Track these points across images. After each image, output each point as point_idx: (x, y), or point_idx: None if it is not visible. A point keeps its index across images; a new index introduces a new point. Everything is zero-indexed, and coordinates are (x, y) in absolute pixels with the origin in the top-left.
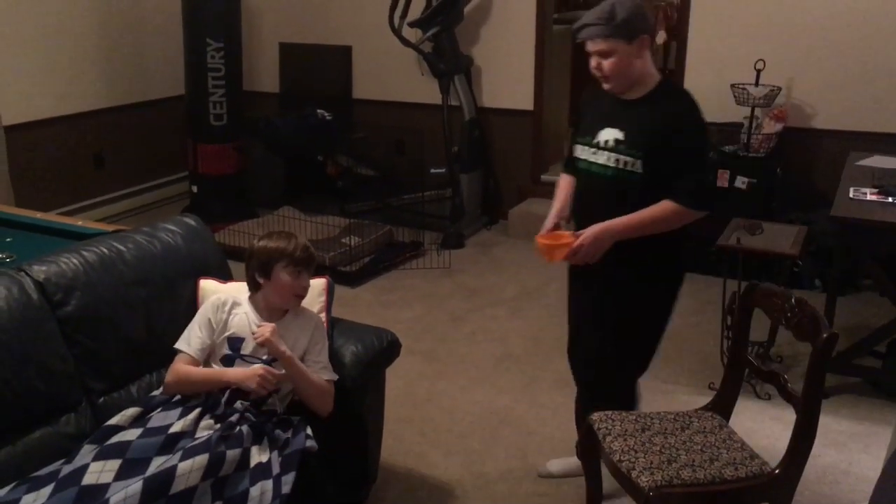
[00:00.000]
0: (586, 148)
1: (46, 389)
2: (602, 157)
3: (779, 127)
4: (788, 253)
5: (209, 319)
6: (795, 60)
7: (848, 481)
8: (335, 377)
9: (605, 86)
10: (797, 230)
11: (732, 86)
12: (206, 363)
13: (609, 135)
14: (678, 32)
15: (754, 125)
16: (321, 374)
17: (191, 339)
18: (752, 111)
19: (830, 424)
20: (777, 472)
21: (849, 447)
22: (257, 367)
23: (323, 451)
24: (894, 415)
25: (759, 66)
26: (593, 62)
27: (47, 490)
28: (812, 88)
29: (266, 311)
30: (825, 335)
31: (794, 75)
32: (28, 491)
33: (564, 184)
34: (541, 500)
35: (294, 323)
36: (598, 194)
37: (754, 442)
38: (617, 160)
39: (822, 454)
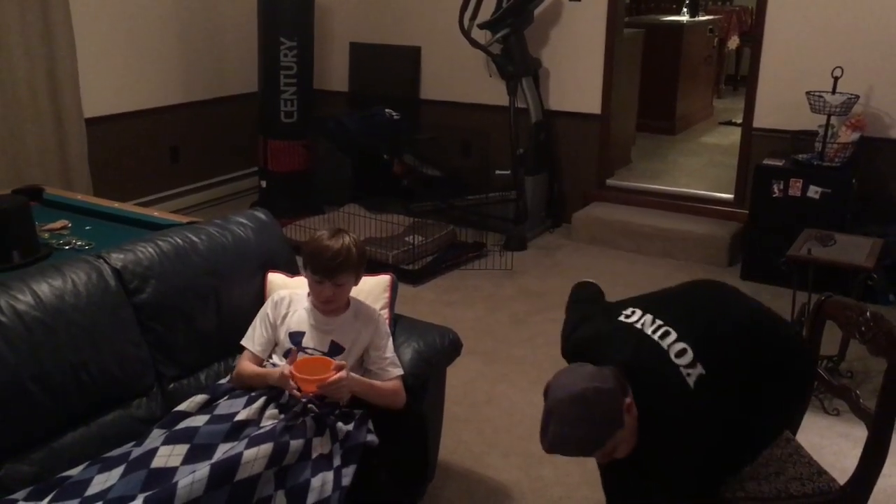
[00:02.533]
0: None
1: (121, 373)
2: None
3: (855, 136)
4: (863, 265)
5: (268, 315)
6: (875, 68)
7: None
8: (402, 372)
9: None
10: (872, 242)
11: (808, 93)
12: (270, 357)
13: None
14: (753, 38)
15: (830, 134)
16: (388, 370)
17: (253, 337)
18: (828, 119)
19: None
20: (846, 489)
21: None
22: (281, 368)
23: (383, 446)
24: None
25: (837, 73)
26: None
27: (118, 471)
28: (892, 97)
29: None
30: None
31: (873, 83)
32: (100, 471)
33: None
34: None
35: (354, 320)
36: None
37: (821, 458)
38: None
39: (892, 474)
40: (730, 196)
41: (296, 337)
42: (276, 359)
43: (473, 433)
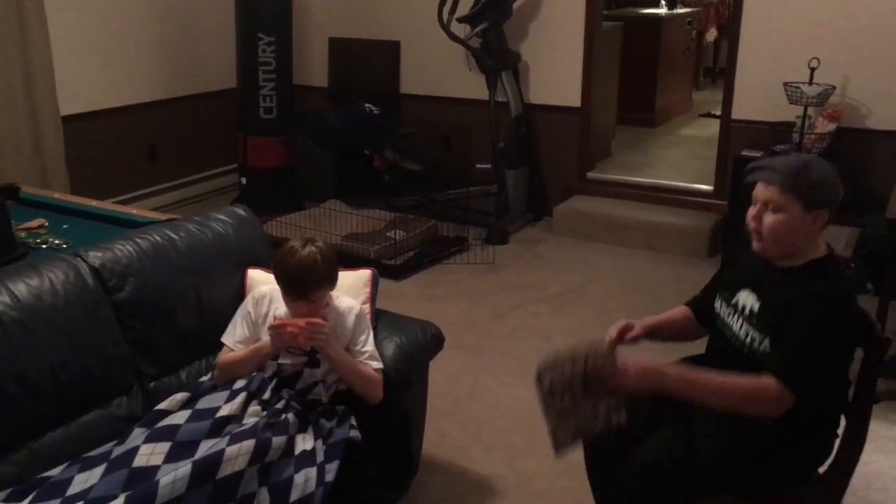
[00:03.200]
0: (724, 305)
1: (100, 372)
2: (736, 324)
3: (832, 127)
4: (840, 255)
5: (249, 313)
6: (851, 59)
7: None
8: (381, 366)
9: (755, 244)
10: (849, 232)
11: (785, 84)
12: None
13: (746, 300)
14: (730, 30)
15: (807, 125)
16: (368, 363)
17: (234, 333)
18: (805, 110)
19: (880, 430)
20: (825, 476)
21: None
22: (273, 325)
23: (366, 441)
24: None
25: (814, 64)
26: (753, 210)
27: (99, 470)
28: (868, 88)
29: None
30: (879, 339)
31: (849, 74)
32: (81, 470)
33: (676, 311)
34: (580, 496)
35: (336, 316)
36: (729, 362)
37: None
38: (747, 334)
39: (870, 460)
40: (709, 188)
41: None
42: None
43: (457, 427)
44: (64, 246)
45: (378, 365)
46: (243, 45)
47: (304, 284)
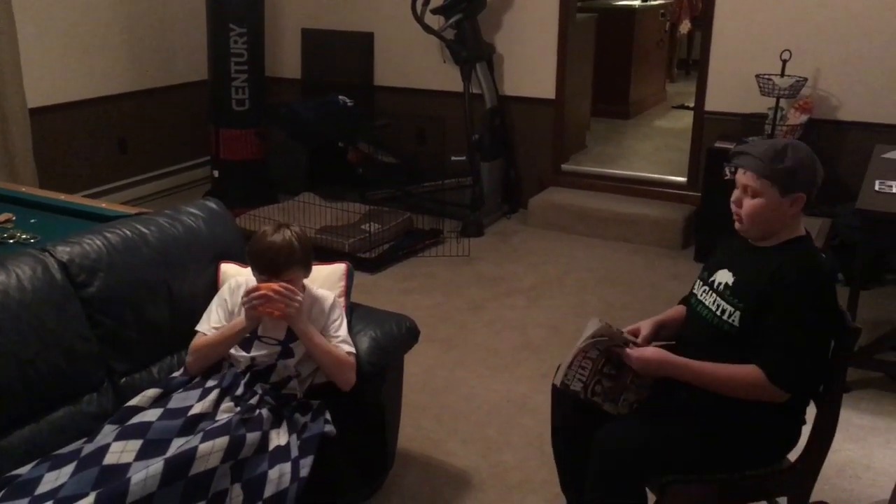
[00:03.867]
0: (701, 285)
1: (69, 369)
2: (709, 299)
3: (804, 118)
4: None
5: (225, 300)
6: (822, 51)
7: (868, 476)
8: (355, 351)
9: (736, 225)
10: (820, 223)
11: (757, 76)
12: None
13: (722, 277)
14: (703, 21)
15: (779, 116)
16: (340, 346)
17: (209, 321)
18: (777, 102)
19: (851, 419)
20: (797, 465)
21: (869, 442)
22: (248, 290)
23: (341, 436)
24: None
25: (786, 56)
26: (735, 195)
27: (69, 469)
28: (839, 80)
29: None
30: (848, 329)
31: (820, 66)
32: (50, 469)
33: (674, 310)
34: (556, 489)
35: (310, 306)
36: (698, 337)
37: None
38: (719, 306)
39: (842, 448)
40: (683, 179)
41: None
42: (231, 350)
43: (432, 420)
44: (32, 241)
45: (351, 349)
46: (214, 36)
47: (277, 262)
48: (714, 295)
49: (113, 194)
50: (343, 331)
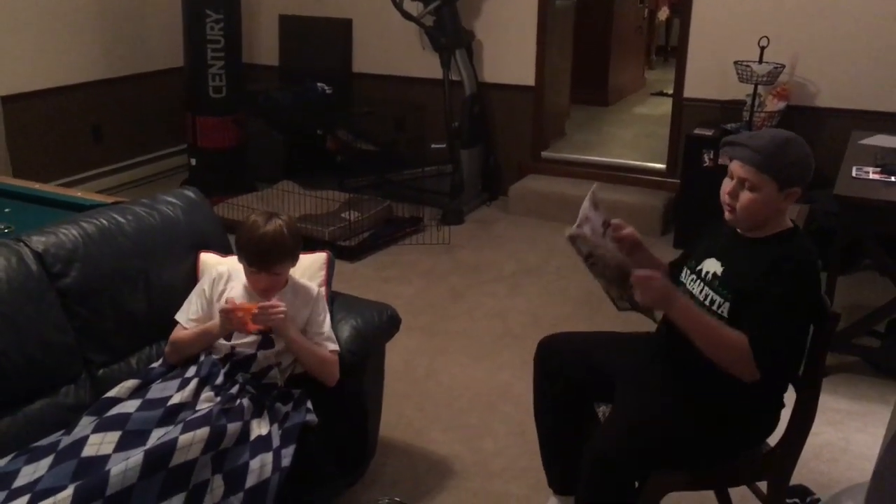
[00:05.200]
0: (689, 273)
1: (46, 361)
2: (697, 289)
3: (781, 105)
4: None
5: (204, 291)
6: (800, 38)
7: (846, 459)
8: (338, 348)
9: (727, 215)
10: (798, 209)
11: (736, 63)
12: None
13: (711, 267)
14: (681, 8)
15: (757, 103)
16: (325, 345)
17: (188, 311)
18: (755, 89)
19: (829, 403)
20: (776, 449)
21: (847, 426)
22: (224, 309)
23: (322, 425)
24: (893, 394)
25: (763, 42)
26: (728, 186)
27: (47, 461)
28: (816, 66)
29: None
30: (828, 315)
31: (798, 53)
32: (28, 462)
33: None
34: (539, 475)
35: (293, 298)
36: None
37: None
38: (707, 296)
39: (820, 432)
40: (662, 166)
41: None
42: None
43: (414, 408)
44: (6, 231)
45: (334, 347)
46: (190, 22)
47: (269, 256)
48: (702, 284)
49: (88, 183)
50: (327, 326)
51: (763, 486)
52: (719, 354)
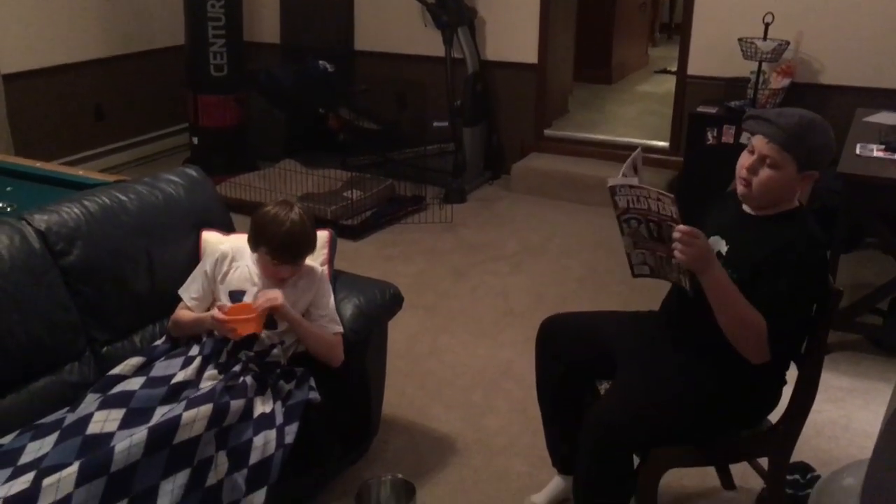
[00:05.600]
0: None
1: (50, 338)
2: None
3: (786, 82)
4: None
5: (205, 272)
6: (805, 15)
7: (847, 436)
8: (341, 329)
9: (740, 189)
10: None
11: (740, 40)
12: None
13: (716, 244)
14: None
15: (761, 80)
16: (328, 327)
17: (190, 289)
18: (760, 66)
19: (830, 380)
20: (778, 426)
21: (848, 403)
22: (211, 313)
23: (325, 402)
24: (894, 371)
25: (768, 19)
26: (747, 161)
27: (52, 438)
28: (820, 43)
29: None
30: (832, 292)
31: (802, 30)
32: (33, 439)
33: None
34: (541, 453)
35: (297, 279)
36: (693, 302)
37: None
38: None
39: (821, 409)
40: (665, 144)
41: (236, 296)
42: None
43: (416, 387)
44: (8, 209)
45: (338, 328)
46: (191, 0)
47: (299, 250)
48: None
49: (90, 162)
50: (331, 307)
51: (764, 462)
52: (738, 330)
